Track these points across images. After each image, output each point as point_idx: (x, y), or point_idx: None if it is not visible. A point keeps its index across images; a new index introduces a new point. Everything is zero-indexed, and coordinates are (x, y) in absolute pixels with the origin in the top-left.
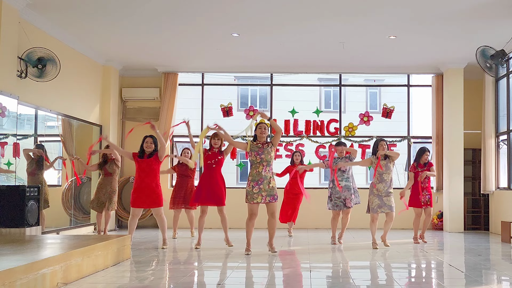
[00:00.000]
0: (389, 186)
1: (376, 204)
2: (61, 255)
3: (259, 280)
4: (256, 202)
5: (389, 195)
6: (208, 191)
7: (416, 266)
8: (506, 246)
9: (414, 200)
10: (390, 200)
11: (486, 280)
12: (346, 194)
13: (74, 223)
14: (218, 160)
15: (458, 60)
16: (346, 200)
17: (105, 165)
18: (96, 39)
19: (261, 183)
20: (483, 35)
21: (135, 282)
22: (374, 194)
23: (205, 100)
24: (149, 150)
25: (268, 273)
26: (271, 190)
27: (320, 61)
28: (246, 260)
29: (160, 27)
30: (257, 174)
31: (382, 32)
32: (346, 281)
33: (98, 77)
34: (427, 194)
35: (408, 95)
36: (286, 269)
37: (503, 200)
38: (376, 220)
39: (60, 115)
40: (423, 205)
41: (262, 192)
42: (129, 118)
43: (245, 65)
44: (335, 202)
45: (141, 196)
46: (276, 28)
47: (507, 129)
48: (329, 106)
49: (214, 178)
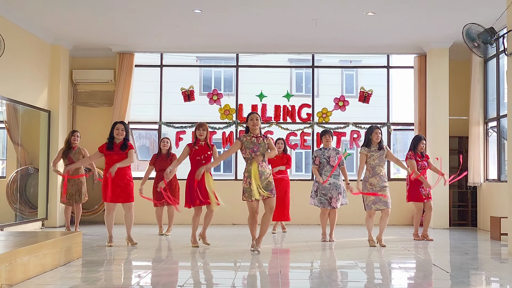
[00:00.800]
0: (383, 180)
1: (370, 200)
2: (5, 254)
3: (220, 281)
4: (254, 199)
5: (384, 190)
6: (201, 191)
7: (397, 266)
8: (496, 244)
9: (414, 194)
10: (385, 195)
11: (473, 282)
12: (333, 192)
13: (20, 219)
14: (207, 156)
15: (443, 39)
16: (332, 199)
17: (69, 154)
18: (43, 16)
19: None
20: (470, 11)
21: (86, 284)
22: (368, 190)
23: (164, 83)
24: (120, 137)
25: (235, 274)
26: (268, 185)
27: (291, 40)
28: (220, 260)
29: (114, 1)
30: (254, 172)
31: (359, 8)
32: (320, 282)
33: (46, 57)
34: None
35: (388, 78)
36: (253, 269)
37: (492, 194)
38: (373, 215)
39: (4, 99)
40: (425, 198)
41: (259, 188)
42: (80, 103)
43: (208, 45)
44: (320, 199)
45: (115, 190)
46: (242, 4)
47: (496, 115)
48: (300, 89)
49: (204, 176)
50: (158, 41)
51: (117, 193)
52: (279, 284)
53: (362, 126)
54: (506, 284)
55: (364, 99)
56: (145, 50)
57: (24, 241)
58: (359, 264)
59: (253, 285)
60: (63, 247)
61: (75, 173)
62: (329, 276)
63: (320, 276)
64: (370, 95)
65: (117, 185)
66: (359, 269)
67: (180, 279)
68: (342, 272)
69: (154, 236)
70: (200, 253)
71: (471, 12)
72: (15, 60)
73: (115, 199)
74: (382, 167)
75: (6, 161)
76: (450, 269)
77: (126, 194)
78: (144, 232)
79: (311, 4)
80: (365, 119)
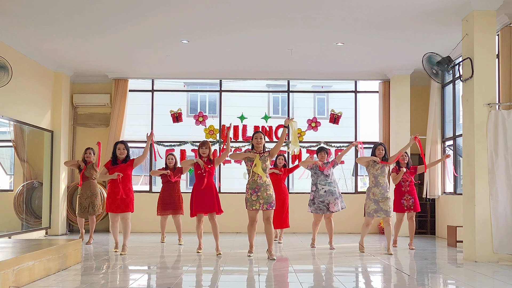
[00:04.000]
0: (386, 191)
1: (372, 208)
2: (13, 259)
3: (207, 283)
4: (254, 209)
5: (385, 200)
6: (202, 200)
7: (362, 270)
8: (452, 250)
9: (396, 205)
10: (386, 205)
11: (432, 284)
12: (330, 198)
13: (25, 227)
14: (209, 169)
15: (405, 66)
16: (330, 204)
17: (82, 168)
18: (47, 46)
19: (258, 191)
20: (429, 42)
21: (86, 285)
22: (370, 199)
23: (155, 106)
24: (122, 156)
25: (218, 277)
26: (269, 197)
27: (268, 67)
28: (212, 263)
29: (110, 34)
30: (253, 182)
31: (329, 39)
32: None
33: (49, 83)
34: (411, 197)
35: (356, 101)
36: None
37: (448, 205)
38: (370, 224)
39: (12, 120)
40: (406, 210)
41: (260, 199)
42: (80, 124)
43: (195, 72)
44: (318, 206)
45: (115, 200)
46: (225, 35)
47: (453, 135)
48: (277, 112)
49: (208, 186)
50: (149, 69)
51: (117, 204)
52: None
53: (332, 144)
54: (461, 286)
55: (334, 120)
56: (138, 76)
57: (30, 248)
58: (328, 268)
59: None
60: (65, 253)
61: (92, 186)
62: (303, 280)
63: (281, 279)
64: (339, 117)
65: (118, 197)
66: (328, 272)
67: (175, 281)
68: (307, 276)
69: (156, 244)
70: (202, 259)
71: (430, 42)
72: (22, 85)
73: (115, 209)
74: (384, 177)
75: (14, 176)
76: (411, 273)
77: (125, 205)
78: (150, 240)
79: (287, 35)
80: (335, 138)
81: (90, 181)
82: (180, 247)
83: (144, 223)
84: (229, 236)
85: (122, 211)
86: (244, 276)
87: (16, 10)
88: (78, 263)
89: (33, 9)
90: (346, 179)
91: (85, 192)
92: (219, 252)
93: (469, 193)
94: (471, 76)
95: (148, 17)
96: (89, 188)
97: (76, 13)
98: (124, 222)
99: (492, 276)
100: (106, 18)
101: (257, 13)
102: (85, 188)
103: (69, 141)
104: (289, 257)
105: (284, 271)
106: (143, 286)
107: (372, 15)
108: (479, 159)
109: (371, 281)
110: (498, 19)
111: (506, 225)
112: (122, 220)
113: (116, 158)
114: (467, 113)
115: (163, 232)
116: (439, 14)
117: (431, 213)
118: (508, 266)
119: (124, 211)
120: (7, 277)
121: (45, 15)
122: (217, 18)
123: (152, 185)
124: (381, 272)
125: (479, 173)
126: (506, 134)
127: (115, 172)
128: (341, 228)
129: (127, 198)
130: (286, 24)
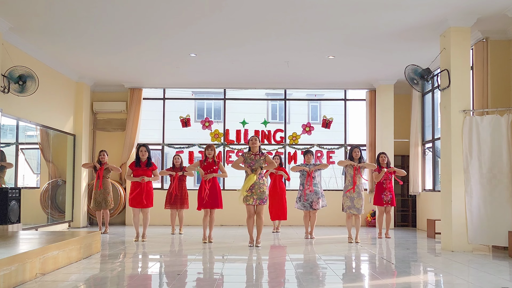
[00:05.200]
0: (360, 190)
1: (347, 205)
2: (40, 249)
3: (217, 271)
4: (249, 204)
5: (359, 197)
6: (208, 197)
7: (350, 258)
8: (431, 241)
9: (377, 199)
10: (359, 203)
11: (413, 271)
12: (313, 197)
13: (51, 221)
14: (213, 170)
15: (389, 77)
16: (313, 202)
17: (98, 169)
18: (70, 59)
19: (253, 188)
20: (410, 55)
21: (104, 272)
22: (346, 196)
23: (166, 112)
24: (144, 157)
25: (223, 264)
26: (261, 194)
27: (267, 78)
28: (219, 253)
29: (127, 49)
30: (249, 180)
31: (322, 53)
32: (277, 271)
33: (72, 92)
34: (389, 193)
35: (345, 108)
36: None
37: (428, 200)
38: (350, 217)
39: (38, 125)
40: (385, 204)
41: (254, 195)
42: (100, 128)
43: (201, 82)
44: (303, 203)
45: (136, 197)
46: (228, 49)
47: (432, 138)
48: (275, 117)
49: (212, 185)
50: (161, 79)
51: (140, 200)
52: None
53: (324, 147)
54: (439, 273)
55: (326, 125)
56: (151, 86)
57: (54, 239)
58: (322, 257)
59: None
60: (86, 243)
61: (105, 184)
62: (293, 268)
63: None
64: (331, 122)
65: (141, 193)
66: (321, 260)
67: (184, 269)
68: (300, 264)
69: (167, 235)
70: (204, 249)
71: (411, 56)
72: (48, 94)
73: (137, 204)
74: (360, 178)
75: (40, 174)
76: (395, 261)
77: (147, 201)
78: (158, 232)
79: (284, 50)
80: (327, 141)
81: (104, 180)
82: (187, 238)
83: (155, 216)
84: (232, 228)
85: (144, 207)
86: (245, 264)
87: (42, 27)
88: (97, 253)
89: (58, 27)
90: (336, 177)
91: (100, 189)
92: (211, 240)
93: (446, 190)
94: (448, 85)
95: (160, 34)
96: (103, 185)
97: (97, 30)
98: (145, 215)
99: (467, 264)
100: (123, 35)
101: (257, 30)
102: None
103: (89, 144)
104: (287, 245)
105: (281, 259)
106: (155, 273)
107: (360, 32)
108: (455, 159)
109: (360, 268)
110: (472, 34)
111: (479, 218)
112: (143, 214)
113: (139, 159)
114: (444, 119)
115: (173, 225)
116: (420, 30)
117: (412, 208)
118: (481, 255)
119: (146, 207)
120: (34, 265)
121: (69, 32)
122: (221, 34)
123: (163, 183)
124: (367, 261)
125: (455, 172)
126: (479, 137)
127: (139, 175)
128: (327, 221)
129: (148, 196)
130: (283, 39)
